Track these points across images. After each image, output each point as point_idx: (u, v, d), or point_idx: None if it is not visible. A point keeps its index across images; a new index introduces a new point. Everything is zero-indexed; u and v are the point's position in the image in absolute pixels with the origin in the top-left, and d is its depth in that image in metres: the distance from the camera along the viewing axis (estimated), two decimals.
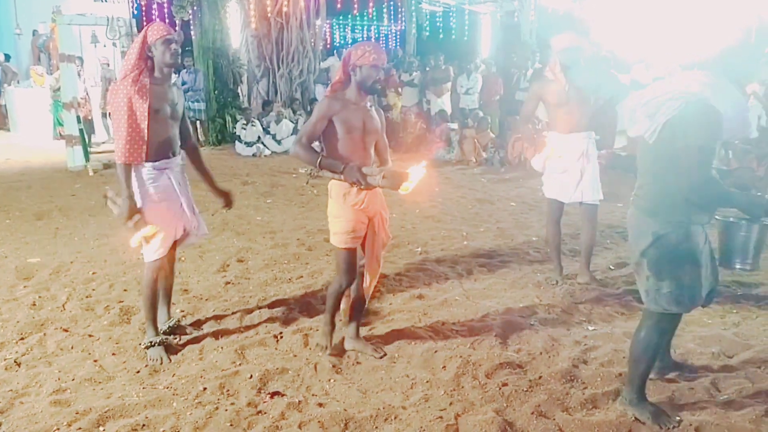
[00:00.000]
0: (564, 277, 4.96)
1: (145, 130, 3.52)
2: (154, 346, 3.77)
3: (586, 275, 4.92)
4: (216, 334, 4.05)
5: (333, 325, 3.81)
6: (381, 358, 3.71)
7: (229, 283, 5.00)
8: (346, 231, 3.56)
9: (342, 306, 3.88)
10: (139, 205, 3.62)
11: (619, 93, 5.78)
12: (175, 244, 3.90)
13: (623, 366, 3.51)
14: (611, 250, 5.78)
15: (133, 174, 3.61)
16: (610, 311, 4.38)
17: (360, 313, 3.88)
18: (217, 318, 4.31)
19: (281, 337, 3.99)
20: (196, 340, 3.97)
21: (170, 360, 3.72)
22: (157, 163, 3.65)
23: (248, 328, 4.16)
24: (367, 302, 3.94)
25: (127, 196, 3.57)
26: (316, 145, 3.54)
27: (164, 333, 3.93)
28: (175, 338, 3.97)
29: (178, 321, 4.18)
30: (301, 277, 5.14)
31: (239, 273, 5.23)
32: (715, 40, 2.72)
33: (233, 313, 4.36)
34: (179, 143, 3.83)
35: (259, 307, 4.47)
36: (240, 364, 3.64)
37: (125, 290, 4.80)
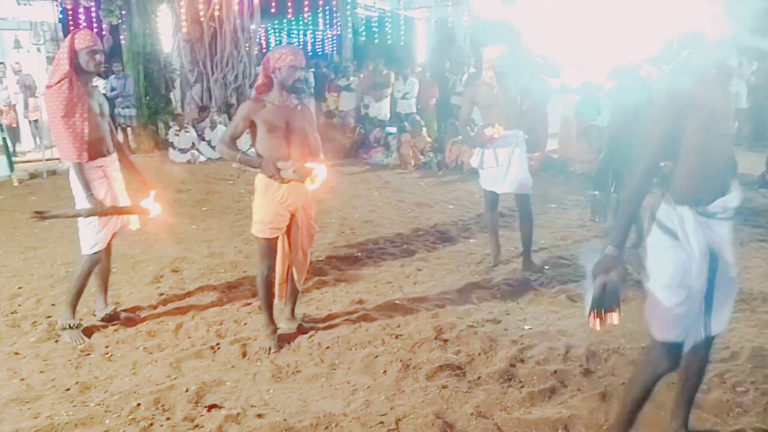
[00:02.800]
0: (500, 261, 5.43)
1: (86, 131, 3.80)
2: (71, 328, 4.00)
3: (528, 263, 5.31)
4: (150, 348, 3.94)
5: (274, 324, 3.97)
6: (309, 331, 4.05)
7: (163, 294, 4.87)
8: (264, 221, 3.77)
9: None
10: (84, 201, 3.86)
11: (548, 96, 6.22)
12: (113, 236, 4.16)
13: (558, 363, 3.60)
14: (547, 249, 5.91)
15: (74, 173, 3.87)
16: (544, 310, 4.48)
17: (293, 299, 4.15)
18: (151, 331, 4.18)
19: (218, 348, 3.91)
20: (128, 354, 3.85)
21: (83, 341, 3.97)
22: (96, 161, 3.91)
23: (184, 340, 4.06)
24: (299, 291, 4.20)
25: (90, 194, 3.84)
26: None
27: (102, 320, 4.25)
28: (114, 326, 4.20)
29: (114, 308, 4.36)
30: (239, 285, 5.05)
31: (174, 283, 5.10)
32: (640, 46, 2.82)
33: (168, 326, 4.25)
34: (111, 141, 4.09)
35: (195, 318, 4.37)
36: (175, 378, 3.55)
37: (53, 305, 4.60)
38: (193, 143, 11.65)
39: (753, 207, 7.27)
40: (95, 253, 4.00)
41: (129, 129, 12.42)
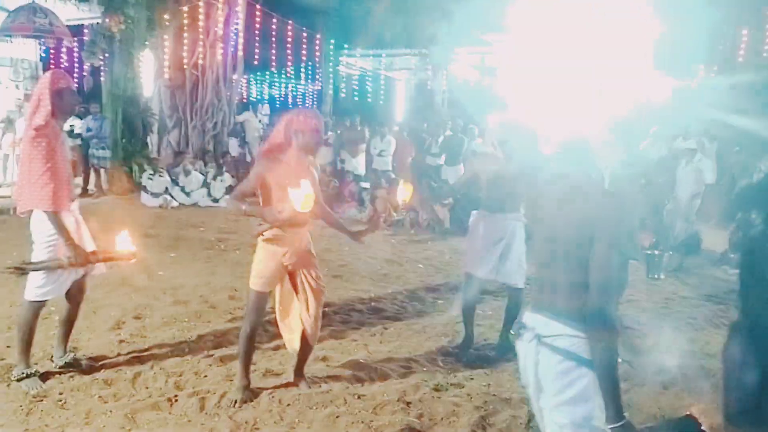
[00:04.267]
0: (471, 349, 4.89)
1: (66, 174, 3.77)
2: (27, 377, 3.86)
3: (505, 340, 4.88)
4: (105, 397, 3.82)
5: (248, 379, 3.90)
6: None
7: (123, 341, 4.75)
8: (259, 274, 3.75)
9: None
10: (45, 250, 3.75)
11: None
12: (82, 284, 4.10)
13: None
14: None
15: (45, 218, 3.71)
16: (509, 377, 4.46)
17: (304, 356, 4.08)
18: (108, 379, 4.06)
19: (176, 401, 3.81)
20: (82, 403, 3.73)
21: (41, 388, 3.82)
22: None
23: (141, 390, 3.95)
24: (311, 348, 4.08)
25: (70, 243, 3.72)
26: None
27: (60, 368, 4.09)
28: (70, 372, 4.06)
29: (73, 356, 4.23)
30: (202, 336, 4.96)
31: (135, 331, 4.99)
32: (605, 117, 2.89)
33: (125, 374, 4.14)
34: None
35: (154, 368, 4.26)
36: (130, 430, 3.44)
37: (8, 346, 4.45)
38: (166, 188, 11.59)
39: (716, 284, 7.42)
40: (39, 301, 3.83)
41: (102, 170, 12.34)
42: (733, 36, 14.23)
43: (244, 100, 19.70)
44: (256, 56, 16.04)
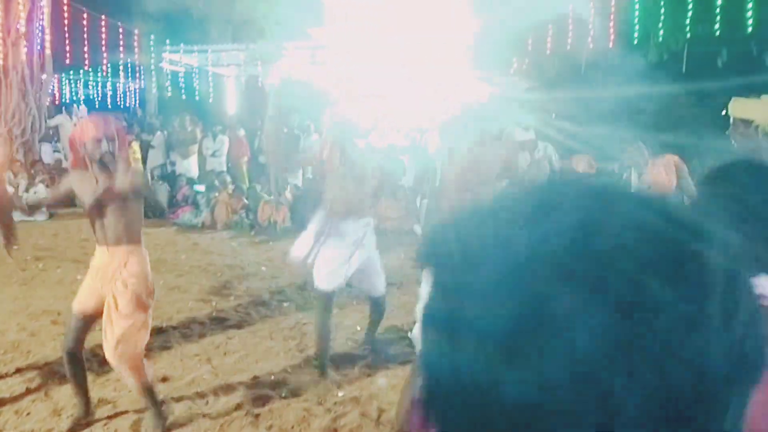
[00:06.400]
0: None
1: None
2: None
3: (370, 339, 4.85)
4: None
5: (85, 394, 3.67)
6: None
7: None
8: (78, 293, 3.57)
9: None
10: None
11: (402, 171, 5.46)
12: None
13: (371, 429, 3.61)
14: (360, 312, 5.98)
15: None
16: (358, 373, 4.50)
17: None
18: None
19: None
20: None
21: None
22: None
23: None
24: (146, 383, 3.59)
25: None
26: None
27: None
28: None
29: None
30: (22, 369, 4.47)
31: None
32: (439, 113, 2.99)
33: None
34: None
35: None
36: None
37: None
38: None
39: None
40: None
41: None
42: (540, 30, 15.41)
43: (57, 103, 18.10)
44: (68, 54, 14.77)
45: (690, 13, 13.78)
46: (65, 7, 13.86)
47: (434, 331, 0.46)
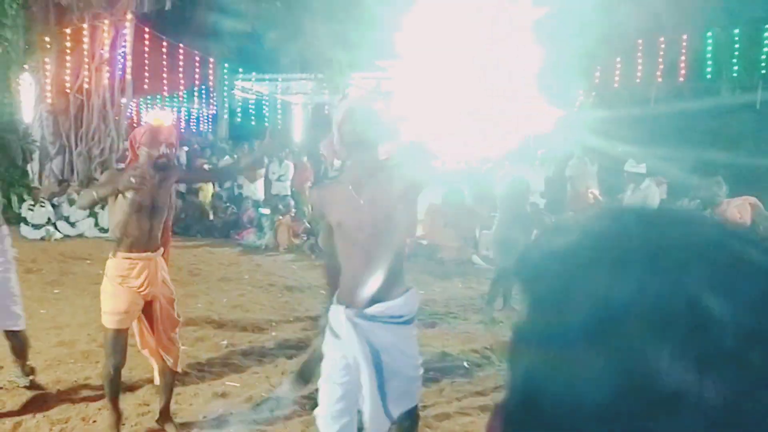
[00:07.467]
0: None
1: None
2: None
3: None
4: None
5: (118, 413, 3.70)
6: None
7: (2, 388, 4.38)
8: (117, 311, 3.53)
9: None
10: None
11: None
12: None
13: None
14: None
15: None
16: None
17: (168, 392, 3.84)
18: None
19: None
20: None
21: None
22: None
23: None
24: (174, 378, 3.87)
25: None
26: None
27: None
28: None
29: None
30: (90, 378, 4.65)
31: (15, 376, 4.61)
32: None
33: (4, 425, 3.80)
34: None
35: (37, 417, 3.95)
36: None
37: None
38: (48, 218, 10.89)
39: None
40: None
41: None
42: (609, 64, 15.24)
43: (135, 126, 18.97)
44: (146, 80, 15.50)
45: (766, 49, 13.36)
46: (146, 36, 14.59)
47: (527, 348, 0.44)
